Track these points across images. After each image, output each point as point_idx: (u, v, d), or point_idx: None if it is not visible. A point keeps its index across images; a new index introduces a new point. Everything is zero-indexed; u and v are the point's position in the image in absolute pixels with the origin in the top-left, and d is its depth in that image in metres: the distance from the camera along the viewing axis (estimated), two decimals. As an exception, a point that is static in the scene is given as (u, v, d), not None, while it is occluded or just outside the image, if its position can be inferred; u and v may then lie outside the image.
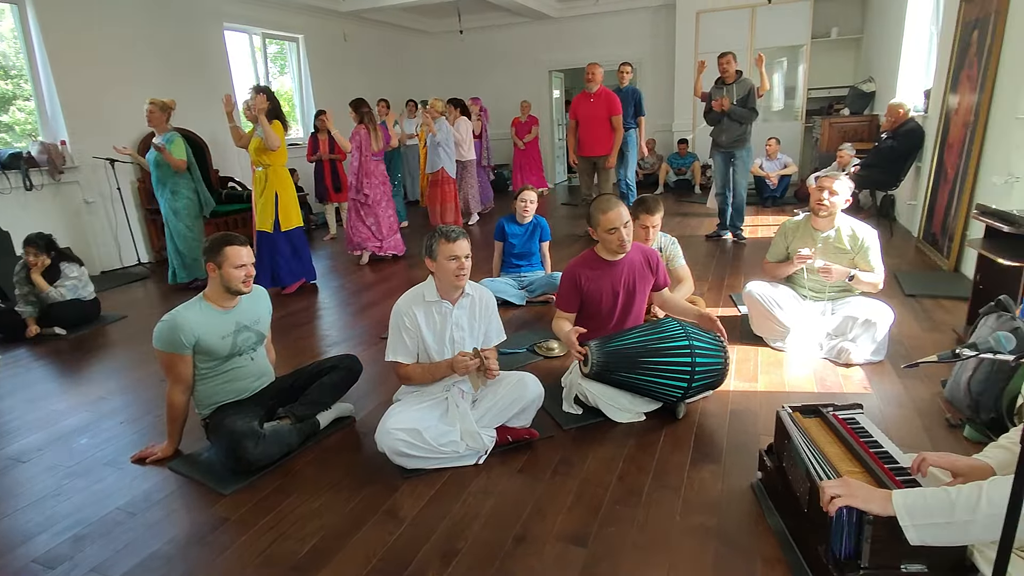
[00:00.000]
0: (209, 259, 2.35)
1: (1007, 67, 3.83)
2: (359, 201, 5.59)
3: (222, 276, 2.35)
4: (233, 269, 2.34)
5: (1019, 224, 2.70)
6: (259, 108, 4.30)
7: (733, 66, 5.32)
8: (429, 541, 1.91)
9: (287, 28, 7.91)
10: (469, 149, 7.03)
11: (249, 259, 2.39)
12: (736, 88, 5.32)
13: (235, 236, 2.41)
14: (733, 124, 5.37)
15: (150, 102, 4.65)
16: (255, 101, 4.33)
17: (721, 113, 5.33)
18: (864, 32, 8.34)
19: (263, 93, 4.38)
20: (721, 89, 5.39)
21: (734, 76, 5.34)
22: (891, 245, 5.22)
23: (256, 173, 4.64)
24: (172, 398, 2.39)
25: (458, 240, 2.30)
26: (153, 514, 2.13)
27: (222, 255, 2.33)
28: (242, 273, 2.36)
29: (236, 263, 2.34)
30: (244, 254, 2.37)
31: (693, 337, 2.49)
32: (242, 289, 2.38)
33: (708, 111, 5.50)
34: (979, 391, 2.29)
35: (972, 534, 1.29)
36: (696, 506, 2.00)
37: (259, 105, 4.30)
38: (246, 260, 2.37)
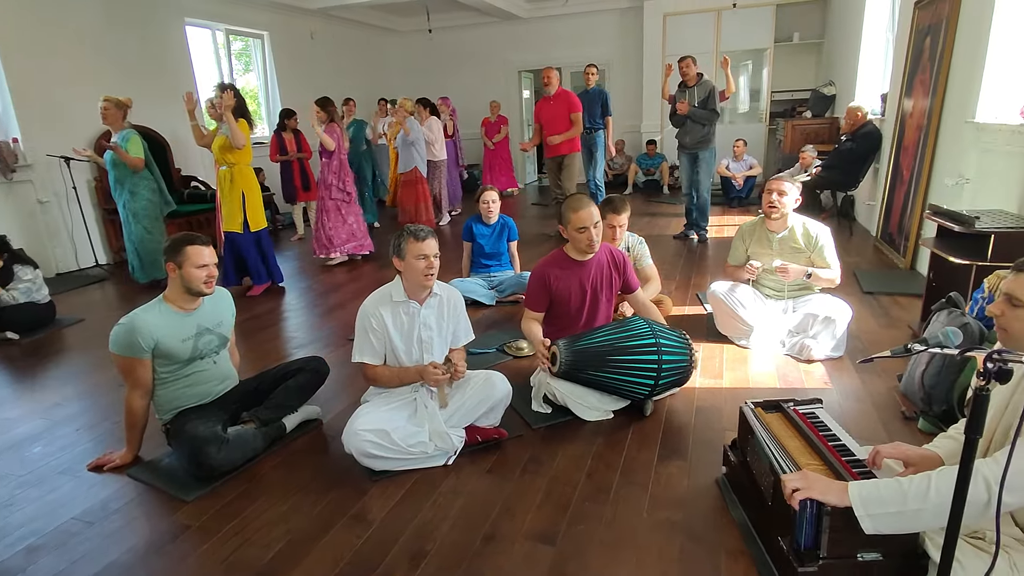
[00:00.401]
0: (169, 259, 2.29)
1: (957, 72, 3.98)
2: (340, 200, 5.52)
3: (183, 276, 2.29)
4: (195, 269, 2.28)
5: (968, 224, 2.81)
6: (226, 105, 4.21)
7: (693, 69, 5.42)
8: (398, 543, 1.90)
9: (252, 24, 7.75)
10: (441, 149, 6.99)
11: (211, 259, 2.33)
12: (697, 91, 5.42)
13: (197, 236, 2.35)
14: (696, 126, 5.47)
15: (104, 99, 4.49)
16: (222, 98, 4.22)
17: (684, 115, 5.43)
18: (825, 37, 8.58)
19: (231, 90, 4.28)
20: (683, 92, 5.49)
21: (695, 79, 5.44)
22: (851, 244, 5.38)
23: (220, 172, 4.53)
24: (130, 403, 2.32)
25: (427, 239, 2.29)
26: (111, 523, 2.07)
27: (183, 255, 2.27)
28: (203, 273, 2.30)
29: (198, 263, 2.28)
30: (206, 254, 2.31)
31: (659, 335, 2.53)
32: (203, 290, 2.32)
33: (673, 113, 5.60)
34: (932, 384, 2.38)
35: (923, 522, 1.34)
36: (663, 502, 2.03)
37: (226, 103, 4.21)
38: (208, 260, 2.31)
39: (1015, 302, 1.34)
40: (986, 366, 1.04)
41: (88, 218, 5.72)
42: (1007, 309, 1.36)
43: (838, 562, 1.50)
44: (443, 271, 4.86)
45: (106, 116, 4.50)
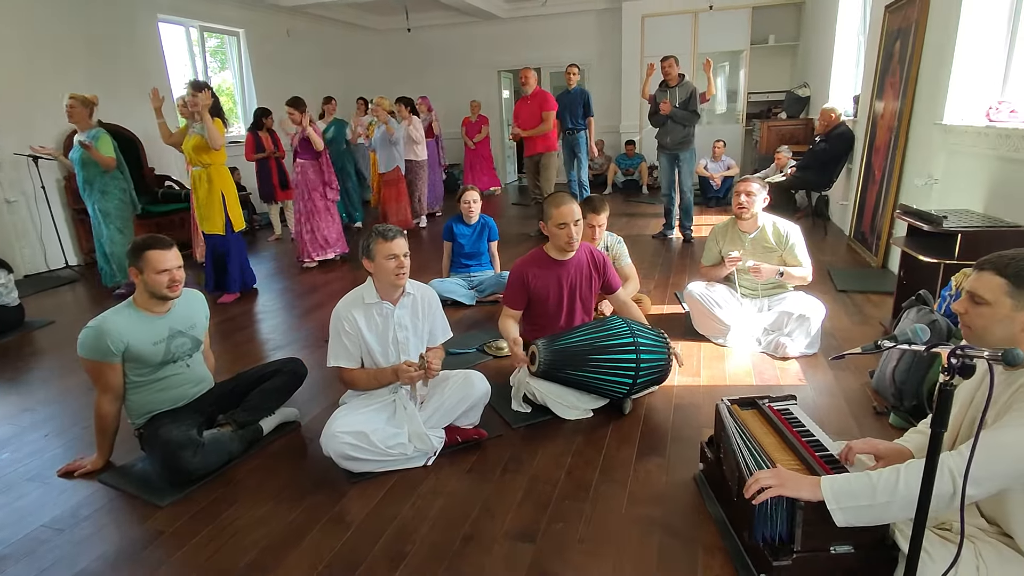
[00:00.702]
0: (131, 264, 2.23)
1: (926, 75, 4.08)
2: (330, 200, 5.50)
3: (145, 281, 2.23)
4: (155, 275, 2.21)
5: (936, 223, 2.88)
6: (203, 105, 4.10)
7: (675, 69, 5.45)
8: (377, 545, 1.89)
9: (226, 22, 7.64)
10: (422, 149, 6.94)
11: (175, 263, 2.25)
12: (679, 91, 5.45)
13: (159, 239, 2.27)
14: (676, 126, 5.50)
15: (70, 97, 4.35)
16: (199, 98, 4.11)
17: (665, 116, 5.46)
18: (799, 40, 8.72)
19: (207, 89, 4.19)
20: (664, 92, 5.52)
21: (676, 79, 5.47)
22: (825, 244, 5.48)
23: (194, 173, 4.43)
24: (101, 408, 2.27)
25: (395, 239, 2.27)
26: (82, 530, 2.02)
27: (143, 260, 2.20)
28: (165, 278, 2.22)
29: (158, 268, 2.21)
30: (168, 258, 2.23)
31: (638, 334, 2.55)
32: (167, 295, 2.26)
33: (653, 113, 5.62)
34: (902, 380, 2.43)
35: (892, 513, 1.37)
36: (641, 498, 2.04)
37: (203, 102, 4.10)
38: (171, 264, 2.24)
39: (977, 300, 1.38)
40: (950, 362, 1.07)
41: (58, 218, 5.58)
42: (970, 307, 1.40)
43: (811, 555, 1.53)
44: (422, 271, 4.88)
45: (72, 114, 4.36)
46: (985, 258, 1.40)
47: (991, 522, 1.48)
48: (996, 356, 1.06)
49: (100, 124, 4.55)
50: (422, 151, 6.92)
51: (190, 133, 4.35)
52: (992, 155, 3.10)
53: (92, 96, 4.48)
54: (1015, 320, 1.33)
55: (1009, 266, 1.34)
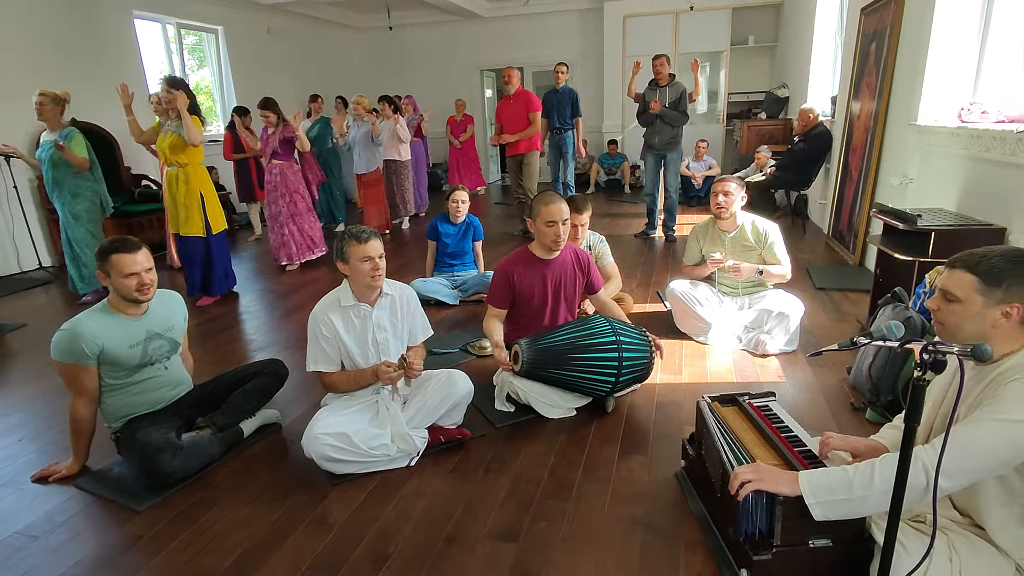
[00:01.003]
0: (99, 267, 2.18)
1: (900, 77, 4.15)
2: (314, 198, 5.46)
3: (113, 285, 2.18)
4: (123, 279, 2.16)
5: (911, 222, 2.94)
6: (182, 104, 3.99)
7: (667, 68, 5.42)
8: (359, 546, 1.88)
9: (205, 19, 7.53)
10: (406, 149, 6.82)
11: (144, 265, 2.19)
12: (669, 91, 5.42)
13: (125, 241, 2.21)
14: (665, 126, 5.47)
15: (40, 93, 4.18)
16: (176, 96, 3.99)
17: (654, 115, 5.42)
18: (778, 41, 8.83)
19: (182, 88, 4.07)
20: (654, 91, 5.48)
21: (667, 79, 5.44)
22: (804, 242, 5.56)
23: (170, 173, 4.29)
24: (76, 412, 2.22)
25: (369, 240, 2.25)
26: (57, 537, 1.98)
27: (109, 263, 2.15)
28: (133, 282, 2.17)
29: (125, 271, 2.15)
30: (137, 260, 2.17)
31: (620, 333, 2.56)
32: (137, 298, 2.20)
33: (641, 112, 5.57)
34: (878, 376, 2.48)
35: (868, 507, 1.40)
36: (624, 496, 2.06)
37: (181, 101, 3.99)
38: (139, 267, 2.17)
39: (949, 297, 1.40)
40: (922, 357, 1.09)
41: (31, 218, 5.47)
42: (942, 304, 1.42)
43: (791, 549, 1.55)
44: (406, 271, 4.85)
45: (42, 111, 4.19)
46: (957, 256, 1.43)
47: (964, 514, 1.51)
48: (966, 352, 1.09)
49: (74, 123, 4.43)
50: (406, 151, 6.82)
51: (164, 131, 4.21)
52: (964, 155, 3.17)
53: (63, 93, 4.33)
54: (986, 317, 1.36)
55: (980, 264, 1.37)
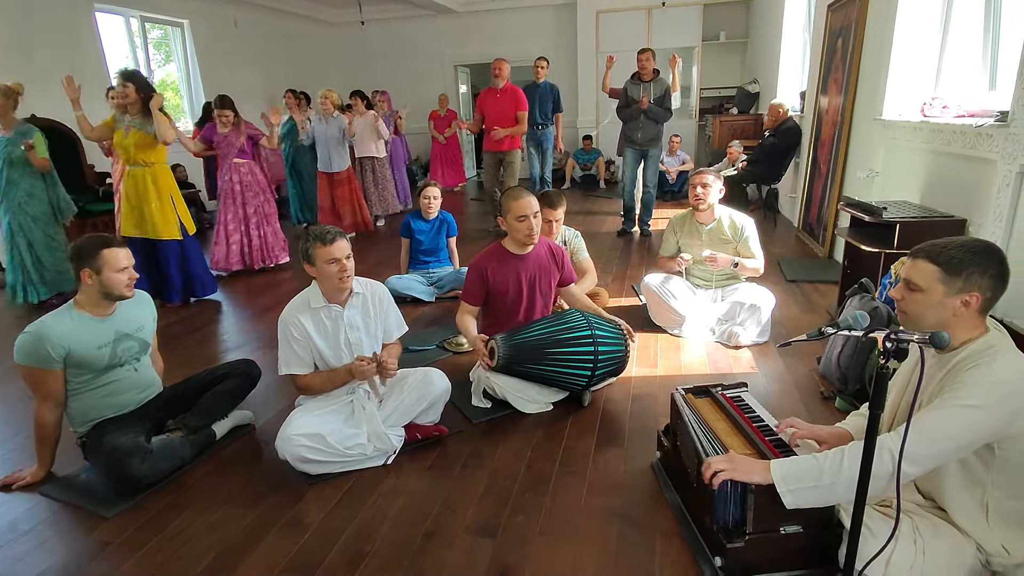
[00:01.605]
0: (85, 265, 2.13)
1: (866, 72, 4.24)
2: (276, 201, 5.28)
3: (102, 282, 2.14)
4: (115, 274, 2.15)
5: (877, 214, 3.01)
6: (155, 104, 3.82)
7: (652, 63, 5.34)
8: (336, 546, 1.86)
9: (169, 12, 7.34)
10: (383, 146, 6.70)
11: (129, 261, 2.20)
12: (653, 87, 5.36)
13: (110, 237, 2.22)
14: (649, 123, 5.41)
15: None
16: (135, 88, 3.82)
17: (639, 111, 5.35)
18: (749, 37, 8.95)
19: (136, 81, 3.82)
20: (638, 86, 5.41)
21: (652, 74, 5.37)
22: (775, 235, 5.66)
23: (135, 173, 3.98)
24: (41, 416, 2.16)
25: (335, 242, 2.21)
26: (21, 546, 1.93)
27: (100, 259, 2.12)
28: (125, 277, 2.18)
29: (118, 267, 2.15)
30: (124, 256, 2.19)
31: (595, 327, 2.58)
32: (125, 294, 2.20)
33: (623, 106, 5.48)
34: (847, 366, 2.54)
35: (837, 494, 1.43)
36: (600, 489, 2.08)
37: (156, 102, 3.82)
38: (127, 263, 2.19)
39: (912, 287, 1.44)
40: (885, 346, 1.12)
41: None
42: (906, 293, 1.46)
43: (762, 536, 1.58)
44: (382, 268, 4.81)
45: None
46: (919, 246, 1.47)
47: (927, 497, 1.56)
48: (925, 339, 1.12)
49: (33, 119, 4.24)
50: (383, 148, 6.68)
51: (122, 128, 3.94)
52: (927, 148, 3.26)
53: (15, 85, 4.06)
54: (947, 306, 1.41)
55: (941, 254, 1.41)
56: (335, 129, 5.92)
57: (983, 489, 1.44)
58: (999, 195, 2.49)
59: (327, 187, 6.12)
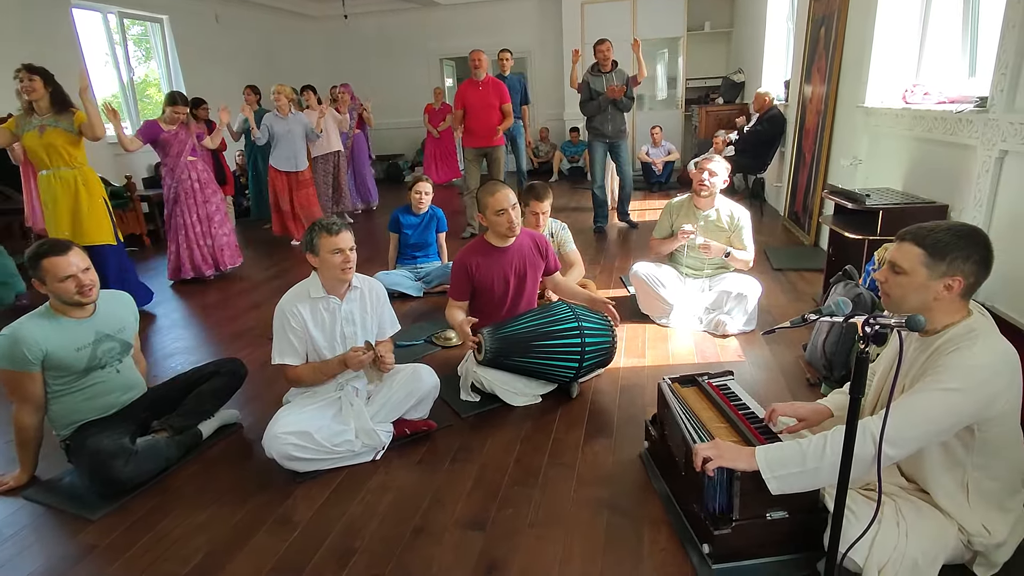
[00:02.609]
0: (33, 276, 2.08)
1: (848, 60, 4.26)
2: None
3: (51, 293, 2.09)
4: (59, 283, 2.06)
5: (860, 202, 3.03)
6: (83, 88, 3.46)
7: (611, 53, 5.30)
8: (325, 543, 1.85)
9: (148, 7, 7.22)
10: (337, 140, 6.50)
11: (79, 266, 2.09)
12: (615, 77, 5.32)
13: (54, 244, 2.10)
14: (618, 114, 5.38)
15: None
16: (41, 81, 3.46)
17: (606, 101, 5.30)
18: (734, 26, 8.96)
19: (42, 78, 3.48)
20: (599, 77, 5.36)
21: (611, 65, 5.33)
22: (762, 224, 5.68)
23: (64, 175, 3.60)
24: (20, 420, 2.13)
25: (340, 232, 2.21)
26: (4, 551, 1.90)
27: (41, 270, 2.05)
28: (71, 285, 2.07)
29: (61, 275, 2.05)
30: (70, 263, 2.06)
31: (582, 318, 2.58)
32: (80, 301, 2.11)
33: (587, 100, 5.41)
34: (832, 352, 2.56)
35: (821, 478, 1.44)
36: (589, 480, 2.08)
37: (83, 87, 3.49)
38: (75, 269, 2.07)
39: (896, 269, 1.45)
40: (864, 330, 1.12)
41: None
42: (890, 276, 1.47)
43: (749, 522, 1.60)
44: (369, 264, 4.78)
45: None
46: (906, 229, 1.48)
47: (910, 480, 1.58)
48: (901, 323, 1.13)
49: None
50: (335, 141, 6.46)
51: (33, 128, 3.52)
52: (909, 135, 3.28)
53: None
54: (929, 289, 1.42)
55: (927, 237, 1.42)
56: (297, 126, 5.63)
57: (964, 471, 1.46)
58: (979, 180, 2.52)
59: (286, 188, 5.76)
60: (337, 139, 6.49)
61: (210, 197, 4.80)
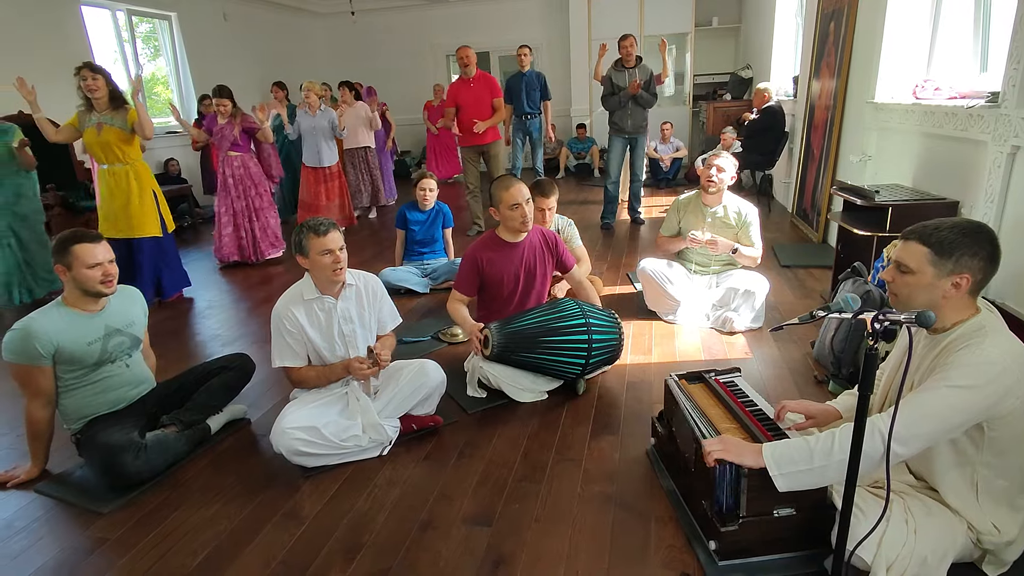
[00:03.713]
0: (57, 261, 2.11)
1: (858, 56, 4.22)
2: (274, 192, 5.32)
3: (75, 278, 2.12)
4: (86, 270, 2.10)
5: (869, 198, 3.01)
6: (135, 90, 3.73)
7: (635, 48, 5.31)
8: (332, 538, 1.86)
9: (157, 5, 7.24)
10: (368, 135, 6.67)
11: (106, 256, 2.15)
12: (638, 72, 5.30)
13: (86, 232, 2.16)
14: (638, 109, 5.36)
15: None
16: (104, 81, 3.68)
17: (627, 97, 5.29)
18: (742, 22, 8.91)
19: (103, 77, 3.69)
20: (622, 72, 5.35)
21: (635, 61, 5.33)
22: (769, 221, 5.65)
23: (117, 171, 3.85)
24: (32, 414, 2.15)
25: (328, 233, 2.19)
26: (16, 544, 1.92)
27: (70, 255, 2.09)
28: (98, 273, 2.12)
29: (89, 262, 2.10)
30: (99, 252, 2.13)
31: (589, 315, 2.58)
32: (102, 291, 2.16)
33: (608, 95, 5.42)
34: (840, 349, 2.54)
35: (829, 476, 1.44)
36: (596, 476, 2.08)
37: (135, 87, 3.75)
38: (102, 258, 2.13)
39: (903, 268, 1.44)
40: (873, 327, 1.12)
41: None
42: (897, 275, 1.46)
43: (756, 519, 1.59)
44: (376, 260, 4.79)
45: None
46: (910, 228, 1.47)
47: (919, 478, 1.57)
48: (911, 319, 1.12)
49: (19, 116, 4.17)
50: (365, 137, 6.59)
51: (93, 125, 3.76)
52: (919, 131, 3.25)
53: None
54: (937, 287, 1.41)
55: (932, 236, 1.41)
56: (324, 122, 5.76)
57: (973, 469, 1.45)
58: (990, 176, 2.49)
59: (314, 183, 5.93)
60: (365, 135, 6.54)
61: (242, 194, 5.07)
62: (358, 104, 6.52)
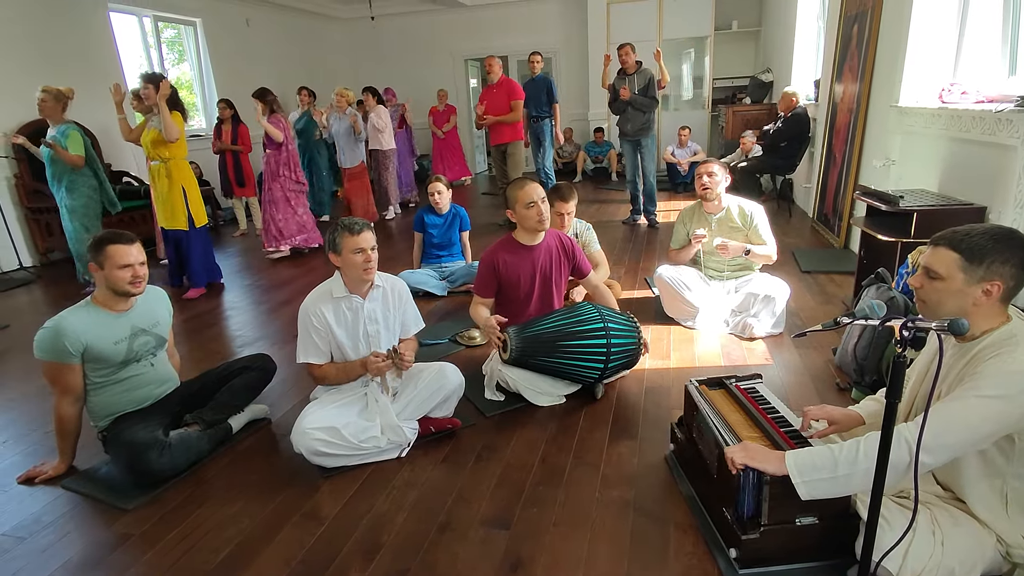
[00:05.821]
0: (92, 259, 2.17)
1: (882, 59, 4.17)
2: (292, 191, 5.54)
3: (106, 278, 2.17)
4: (117, 270, 2.16)
5: (893, 203, 2.96)
6: (162, 95, 4.02)
7: (632, 57, 5.52)
8: (352, 538, 1.88)
9: (181, 11, 7.39)
10: (388, 138, 6.84)
11: (138, 258, 2.21)
12: (637, 78, 5.51)
13: (121, 234, 2.22)
14: (636, 113, 5.55)
15: (43, 90, 4.23)
16: (154, 89, 4.03)
17: (625, 102, 5.49)
18: (762, 25, 8.83)
19: (159, 80, 4.09)
20: (623, 79, 5.57)
21: (634, 66, 5.53)
22: (790, 226, 5.60)
23: (152, 168, 4.34)
24: (60, 411, 2.20)
25: (362, 232, 2.24)
26: (44, 538, 1.97)
27: (104, 255, 2.15)
28: (128, 274, 2.18)
29: (120, 263, 2.16)
30: (131, 253, 2.19)
31: (608, 319, 2.57)
32: (130, 291, 2.21)
33: (612, 101, 5.67)
34: (863, 356, 2.51)
35: (853, 485, 1.42)
36: (614, 481, 2.07)
37: (163, 91, 4.02)
38: (133, 259, 2.19)
39: (932, 274, 1.42)
40: (902, 334, 1.10)
41: (9, 218, 5.37)
42: (925, 281, 1.44)
43: (778, 528, 1.57)
44: (394, 262, 4.83)
45: (43, 108, 4.27)
46: (940, 234, 1.45)
47: (946, 488, 1.54)
48: (943, 327, 1.10)
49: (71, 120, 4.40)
50: (388, 140, 6.83)
51: (148, 127, 4.26)
52: (944, 135, 3.20)
53: (67, 89, 4.35)
54: (967, 294, 1.38)
55: (963, 241, 1.38)
56: (344, 126, 6.32)
57: (1003, 480, 1.42)
58: (1020, 181, 2.44)
59: (345, 181, 6.68)
60: (377, 138, 6.77)
61: (271, 184, 5.48)
62: (379, 108, 6.66)
